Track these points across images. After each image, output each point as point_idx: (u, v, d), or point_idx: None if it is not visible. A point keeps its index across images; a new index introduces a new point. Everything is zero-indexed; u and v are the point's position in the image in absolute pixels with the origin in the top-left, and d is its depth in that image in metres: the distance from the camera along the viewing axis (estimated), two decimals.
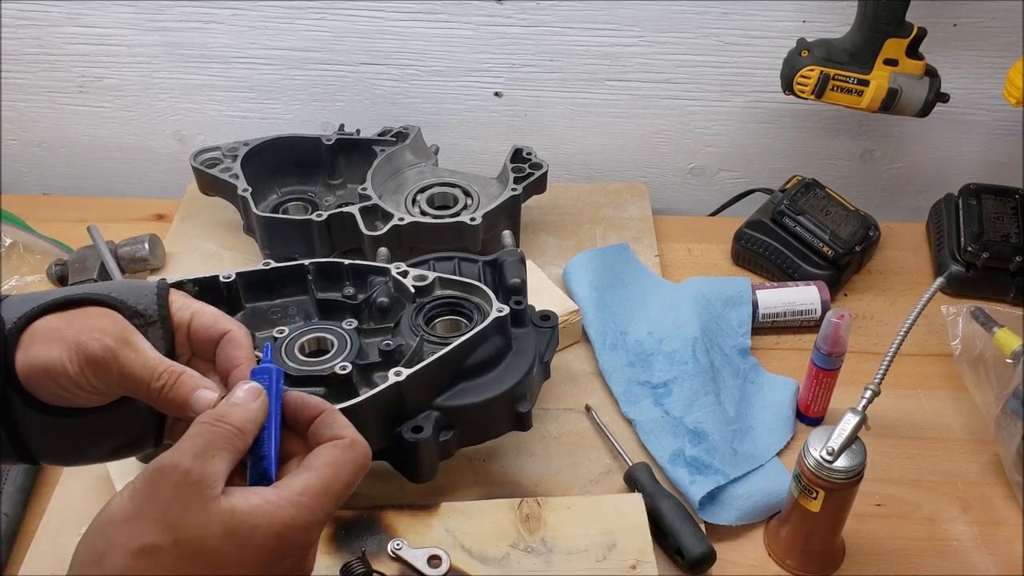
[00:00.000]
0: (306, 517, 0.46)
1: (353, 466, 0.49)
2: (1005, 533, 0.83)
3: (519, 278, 0.85)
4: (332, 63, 1.19)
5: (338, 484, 0.48)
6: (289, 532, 0.45)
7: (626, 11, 1.13)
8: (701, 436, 0.87)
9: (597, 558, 0.75)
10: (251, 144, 1.09)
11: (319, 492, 0.47)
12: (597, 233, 1.16)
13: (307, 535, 0.46)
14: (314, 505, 0.46)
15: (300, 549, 0.47)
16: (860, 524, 0.83)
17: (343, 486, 0.48)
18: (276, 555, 0.45)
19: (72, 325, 0.51)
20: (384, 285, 0.85)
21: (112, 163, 1.30)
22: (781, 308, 1.02)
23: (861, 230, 1.08)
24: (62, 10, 1.15)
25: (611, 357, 0.97)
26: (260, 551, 0.44)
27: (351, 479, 0.48)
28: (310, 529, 0.46)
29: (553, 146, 1.25)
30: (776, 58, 1.08)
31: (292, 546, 0.46)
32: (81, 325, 0.51)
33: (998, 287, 1.07)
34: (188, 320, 0.55)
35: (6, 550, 0.79)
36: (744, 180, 1.28)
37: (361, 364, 0.79)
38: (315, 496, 0.46)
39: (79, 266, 1.04)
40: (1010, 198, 1.12)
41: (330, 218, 1.00)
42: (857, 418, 0.72)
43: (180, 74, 1.21)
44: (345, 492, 0.48)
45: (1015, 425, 0.85)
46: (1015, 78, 0.95)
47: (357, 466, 0.49)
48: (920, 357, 1.01)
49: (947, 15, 1.11)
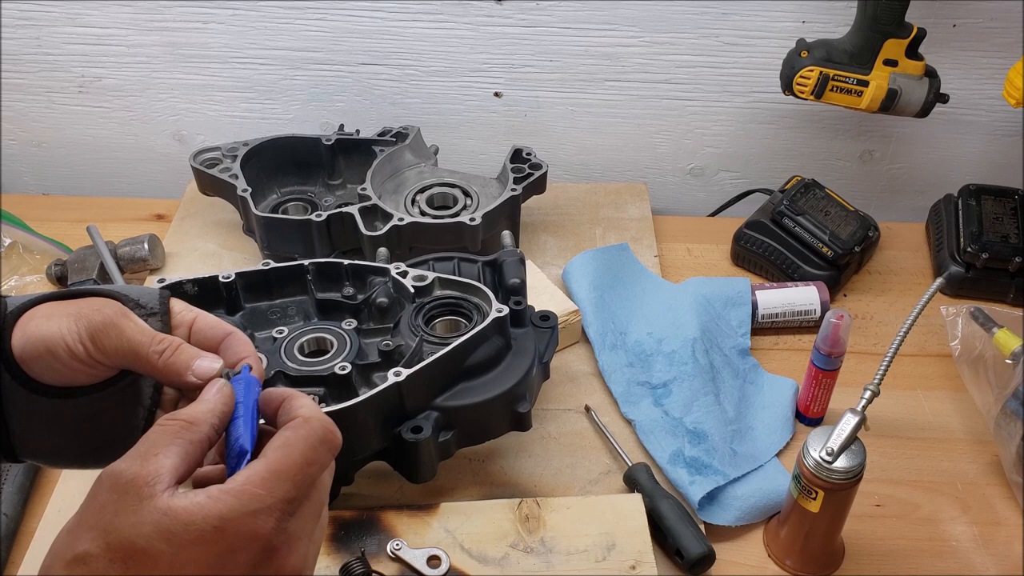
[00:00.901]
0: (249, 504, 0.42)
1: (305, 443, 0.45)
2: (1004, 533, 0.84)
3: (519, 278, 0.85)
4: (332, 63, 1.19)
5: (289, 465, 0.44)
6: (229, 524, 0.42)
7: (625, 11, 1.13)
8: (701, 436, 0.87)
9: (597, 558, 0.75)
10: (251, 144, 1.09)
11: (266, 477, 0.44)
12: (597, 233, 1.16)
13: (255, 523, 0.42)
14: (260, 491, 0.43)
15: (254, 541, 0.43)
16: (860, 524, 0.83)
17: (296, 466, 0.45)
18: (220, 550, 0.42)
19: (73, 305, 0.52)
20: (384, 285, 0.85)
21: (112, 163, 1.30)
22: (781, 308, 1.02)
23: (861, 230, 1.08)
24: (62, 10, 1.15)
25: (611, 357, 0.97)
26: (197, 547, 0.41)
27: (305, 457, 0.45)
28: (258, 516, 0.42)
29: (553, 146, 1.25)
30: (776, 58, 1.08)
31: (239, 538, 0.42)
32: (82, 304, 0.52)
33: (997, 288, 1.07)
34: (191, 321, 0.55)
35: (6, 550, 0.79)
36: (744, 180, 1.29)
37: (361, 364, 0.79)
38: (261, 482, 0.43)
39: (78, 266, 1.04)
40: (1010, 199, 1.12)
41: (330, 218, 1.00)
42: (856, 418, 0.72)
43: (179, 74, 1.21)
44: (304, 471, 0.45)
45: (1014, 425, 0.85)
46: (1015, 79, 0.95)
47: (311, 442, 0.46)
48: (920, 357, 1.01)
49: (947, 15, 1.11)
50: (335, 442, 0.47)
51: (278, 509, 0.43)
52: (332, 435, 0.47)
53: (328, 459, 0.47)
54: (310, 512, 0.46)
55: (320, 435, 0.46)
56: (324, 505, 0.48)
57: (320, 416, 0.48)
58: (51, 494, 0.83)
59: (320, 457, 0.46)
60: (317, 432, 0.46)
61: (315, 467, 0.46)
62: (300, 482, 0.45)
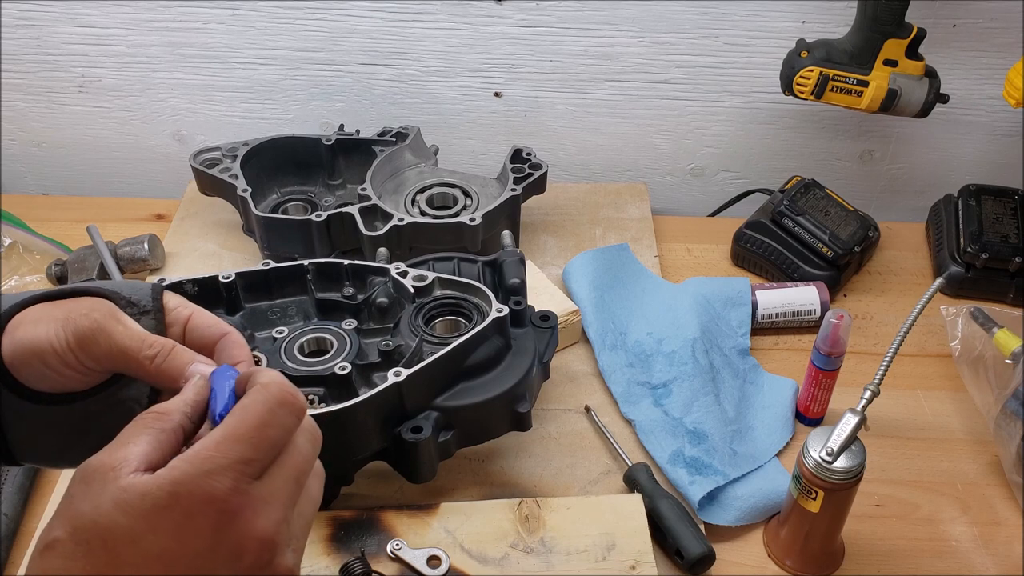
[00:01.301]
0: (202, 467, 0.41)
1: (262, 406, 0.44)
2: (1004, 534, 0.84)
3: (519, 278, 0.85)
4: (332, 63, 1.19)
5: (244, 427, 0.43)
6: (183, 488, 0.41)
7: (625, 11, 1.13)
8: (700, 436, 0.87)
9: (596, 558, 0.75)
10: (251, 144, 1.09)
11: (220, 441, 0.43)
12: (597, 233, 1.16)
13: (209, 484, 0.41)
14: (213, 454, 0.42)
15: (210, 503, 0.41)
16: (859, 524, 0.83)
17: (251, 428, 0.44)
18: (177, 516, 0.41)
19: (61, 307, 0.51)
20: (383, 285, 0.85)
21: (112, 163, 1.30)
22: (781, 308, 1.02)
23: (860, 231, 1.08)
24: (62, 10, 1.15)
25: (611, 357, 0.97)
26: (154, 516, 0.40)
27: (260, 419, 0.44)
28: (212, 477, 0.41)
29: (553, 146, 1.25)
30: (776, 59, 1.08)
31: (194, 501, 0.41)
32: (71, 306, 0.51)
33: (997, 288, 1.07)
34: (186, 319, 0.54)
35: (6, 550, 0.79)
36: (744, 180, 1.29)
37: (361, 364, 0.79)
38: (214, 446, 0.42)
39: (78, 266, 1.04)
40: (1010, 199, 1.12)
41: (330, 218, 1.00)
42: (856, 418, 0.72)
43: (179, 74, 1.21)
44: (260, 433, 0.44)
45: (1014, 426, 0.85)
46: (1015, 79, 0.95)
47: (268, 405, 0.45)
48: (919, 358, 1.01)
49: (947, 16, 1.11)
50: (296, 404, 0.46)
51: (233, 470, 0.42)
52: (291, 397, 0.46)
53: (291, 422, 0.46)
54: (281, 477, 0.44)
55: (277, 398, 0.45)
56: (305, 474, 0.46)
57: (279, 381, 0.46)
58: (51, 494, 0.83)
59: (279, 419, 0.45)
60: (274, 395, 0.45)
61: (274, 429, 0.44)
62: (258, 443, 0.43)
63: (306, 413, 0.47)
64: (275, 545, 0.43)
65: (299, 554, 0.45)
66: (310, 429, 0.48)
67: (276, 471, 0.44)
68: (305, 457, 0.46)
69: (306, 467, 0.46)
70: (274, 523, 0.43)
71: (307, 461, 0.47)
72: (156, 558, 0.40)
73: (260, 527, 0.42)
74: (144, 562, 0.40)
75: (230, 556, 0.42)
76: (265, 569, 0.43)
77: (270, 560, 0.43)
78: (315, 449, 0.48)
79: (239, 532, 0.42)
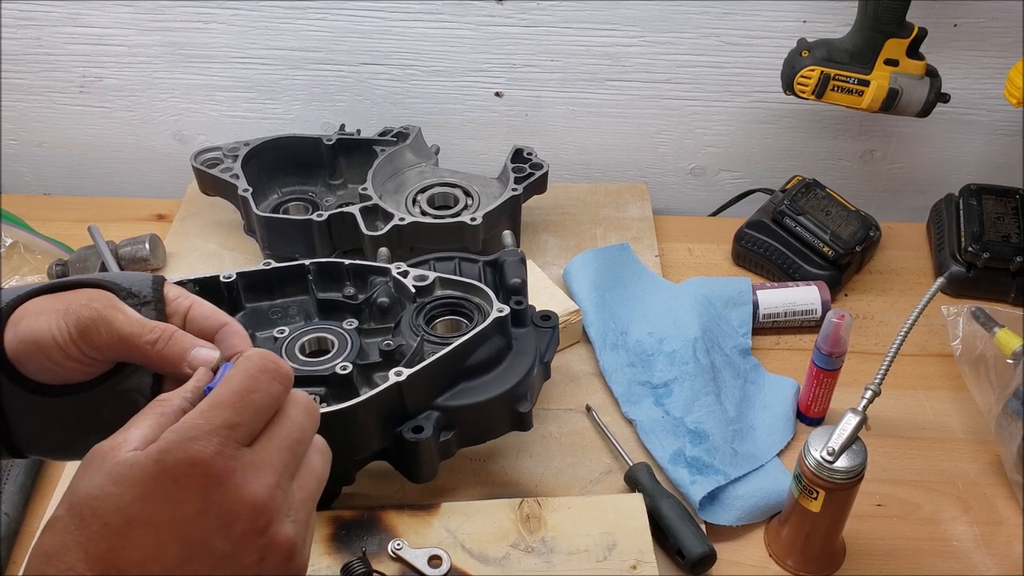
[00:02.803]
0: (187, 434, 0.42)
1: (243, 374, 0.45)
2: (1005, 533, 0.83)
3: (519, 278, 0.85)
4: (332, 63, 1.19)
5: (227, 394, 0.44)
6: (168, 455, 0.41)
7: (626, 11, 1.13)
8: (701, 436, 0.87)
9: (597, 558, 0.75)
10: (251, 144, 1.09)
11: (204, 409, 0.43)
12: (597, 233, 1.16)
13: (193, 448, 0.41)
14: (198, 421, 0.43)
15: (194, 466, 0.41)
16: (860, 524, 0.83)
17: (233, 394, 0.44)
18: (163, 481, 0.41)
19: (62, 299, 0.51)
20: (384, 285, 0.85)
21: (112, 163, 1.30)
22: (781, 308, 1.02)
23: (862, 230, 1.08)
24: (62, 10, 1.15)
25: (611, 357, 0.97)
26: (143, 483, 0.41)
27: (243, 386, 0.45)
28: (196, 442, 0.42)
29: (553, 146, 1.25)
30: (776, 58, 1.08)
31: (179, 466, 0.41)
32: (71, 298, 0.51)
33: (998, 287, 1.07)
34: (186, 309, 0.55)
35: (6, 550, 0.79)
36: (744, 180, 1.29)
37: (361, 364, 0.79)
38: (199, 414, 0.43)
39: (79, 266, 1.04)
40: (1011, 198, 1.11)
41: (330, 218, 1.01)
42: (857, 418, 0.72)
43: (180, 74, 1.21)
44: (243, 398, 0.44)
45: (1015, 425, 0.85)
46: (1015, 78, 0.95)
47: (249, 372, 0.45)
48: (920, 357, 1.01)
49: (947, 15, 1.10)
50: (278, 371, 0.46)
51: (218, 435, 0.42)
52: (273, 364, 0.46)
53: (275, 387, 0.46)
54: (273, 444, 0.44)
55: (258, 365, 0.46)
56: (300, 443, 0.46)
57: (261, 352, 0.47)
58: (52, 494, 0.83)
59: (261, 384, 0.45)
60: (255, 363, 0.46)
61: (257, 394, 0.45)
62: (241, 408, 0.44)
63: (291, 379, 0.47)
64: (269, 511, 0.42)
65: (302, 527, 0.44)
66: (303, 402, 0.48)
67: (267, 439, 0.45)
68: (299, 426, 0.46)
69: (301, 436, 0.46)
70: (266, 488, 0.43)
71: (302, 430, 0.47)
72: (146, 525, 0.40)
73: (251, 491, 0.42)
74: (135, 529, 0.40)
75: (221, 522, 0.41)
76: (261, 537, 0.42)
77: (265, 527, 0.42)
78: (310, 421, 0.48)
79: (229, 496, 0.42)
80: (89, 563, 0.39)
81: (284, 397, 0.47)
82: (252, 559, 0.42)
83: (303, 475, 0.46)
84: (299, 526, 0.44)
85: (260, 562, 0.42)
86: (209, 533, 0.41)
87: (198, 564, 0.41)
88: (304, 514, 0.45)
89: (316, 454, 0.48)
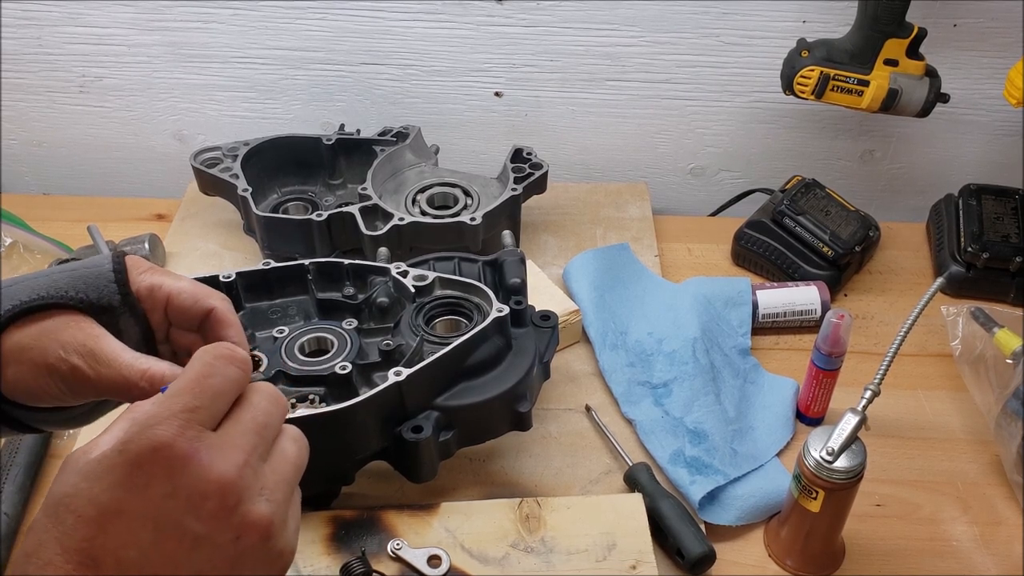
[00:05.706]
0: (147, 422, 0.42)
1: (199, 361, 0.46)
2: (1005, 533, 0.83)
3: (519, 278, 0.85)
4: (332, 63, 1.19)
5: (184, 382, 0.45)
6: (130, 444, 0.42)
7: (626, 11, 1.13)
8: (701, 436, 0.87)
9: (597, 558, 0.75)
10: (251, 144, 1.09)
11: (162, 400, 0.44)
12: (597, 233, 1.16)
13: (153, 433, 0.42)
14: (156, 409, 0.43)
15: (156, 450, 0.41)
16: (860, 524, 0.83)
17: (190, 381, 0.45)
18: (128, 469, 0.41)
19: (38, 342, 0.51)
20: (384, 285, 0.85)
21: (112, 163, 1.30)
22: (781, 308, 1.02)
23: (861, 230, 1.08)
24: (62, 10, 1.15)
25: (611, 357, 0.97)
26: (109, 475, 0.41)
27: (199, 372, 0.45)
28: (156, 427, 0.42)
29: (553, 146, 1.25)
30: (776, 58, 1.08)
31: (141, 451, 0.41)
32: (46, 343, 0.51)
33: (998, 287, 1.07)
34: (164, 301, 0.55)
35: (6, 550, 0.79)
36: (744, 180, 1.29)
37: (361, 364, 0.79)
38: (158, 402, 0.44)
39: None
40: (1010, 198, 1.12)
41: (330, 218, 1.00)
42: (857, 418, 0.72)
43: (180, 74, 1.21)
44: (200, 383, 0.45)
45: (1015, 425, 0.85)
46: (1015, 78, 0.95)
47: (205, 359, 0.46)
48: (920, 357, 1.01)
49: (947, 15, 1.10)
50: (235, 357, 0.47)
51: (178, 418, 0.42)
52: (228, 351, 0.47)
53: (232, 371, 0.46)
54: (237, 428, 0.45)
55: (213, 353, 0.47)
56: (267, 427, 0.46)
57: (219, 343, 0.49)
58: None
59: (218, 370, 0.46)
60: (211, 352, 0.47)
61: (215, 379, 0.45)
62: (199, 392, 0.44)
63: (249, 364, 0.48)
64: (238, 489, 0.42)
65: (279, 507, 0.44)
66: (267, 390, 0.48)
67: (231, 423, 0.45)
68: (264, 411, 0.47)
69: (266, 420, 0.46)
70: (234, 466, 0.43)
71: (267, 415, 0.47)
72: (117, 513, 0.41)
73: (217, 470, 0.42)
74: (106, 518, 0.41)
75: (191, 503, 0.41)
76: (233, 515, 0.42)
77: (236, 505, 0.42)
78: (276, 408, 0.48)
79: (195, 476, 0.42)
80: (66, 555, 0.40)
81: (244, 381, 0.47)
82: (227, 538, 0.42)
83: (275, 459, 0.46)
84: (275, 506, 0.44)
85: (236, 540, 0.42)
86: (179, 514, 0.41)
87: (173, 545, 0.41)
88: (280, 495, 0.45)
89: (288, 441, 0.48)
